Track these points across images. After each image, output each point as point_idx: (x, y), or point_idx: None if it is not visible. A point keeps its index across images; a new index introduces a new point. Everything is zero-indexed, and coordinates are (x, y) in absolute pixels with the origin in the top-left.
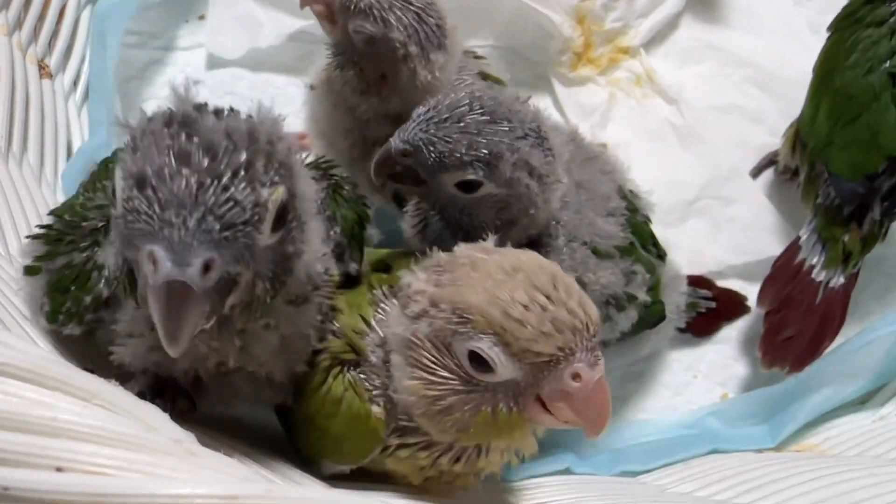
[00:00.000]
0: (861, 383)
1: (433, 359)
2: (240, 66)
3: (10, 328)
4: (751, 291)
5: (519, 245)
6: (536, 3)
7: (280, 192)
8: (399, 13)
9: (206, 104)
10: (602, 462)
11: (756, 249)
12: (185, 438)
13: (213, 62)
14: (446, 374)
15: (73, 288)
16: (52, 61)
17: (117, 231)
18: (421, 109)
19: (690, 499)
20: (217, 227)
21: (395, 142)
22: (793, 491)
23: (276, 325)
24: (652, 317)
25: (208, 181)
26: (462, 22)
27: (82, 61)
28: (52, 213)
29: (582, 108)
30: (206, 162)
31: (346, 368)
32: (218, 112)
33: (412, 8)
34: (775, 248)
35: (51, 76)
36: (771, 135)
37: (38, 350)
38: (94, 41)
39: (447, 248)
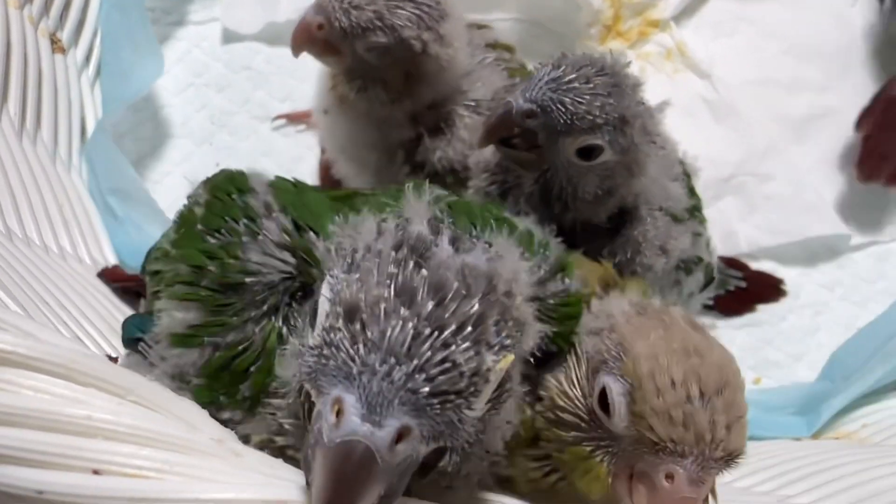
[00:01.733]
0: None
1: (579, 374)
2: (256, 40)
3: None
4: (785, 275)
5: (610, 216)
6: None
7: (509, 361)
8: (399, 10)
9: (441, 223)
10: None
11: (792, 230)
12: (227, 437)
13: (229, 37)
14: (578, 395)
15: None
16: (65, 35)
17: (304, 363)
18: (544, 69)
19: (731, 489)
20: (426, 389)
21: (519, 102)
22: (839, 484)
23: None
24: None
25: (427, 331)
26: None
27: (94, 35)
28: (189, 263)
29: None
30: (430, 306)
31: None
32: (456, 240)
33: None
34: (813, 229)
35: (63, 51)
36: (809, 108)
37: (67, 342)
38: (106, 14)
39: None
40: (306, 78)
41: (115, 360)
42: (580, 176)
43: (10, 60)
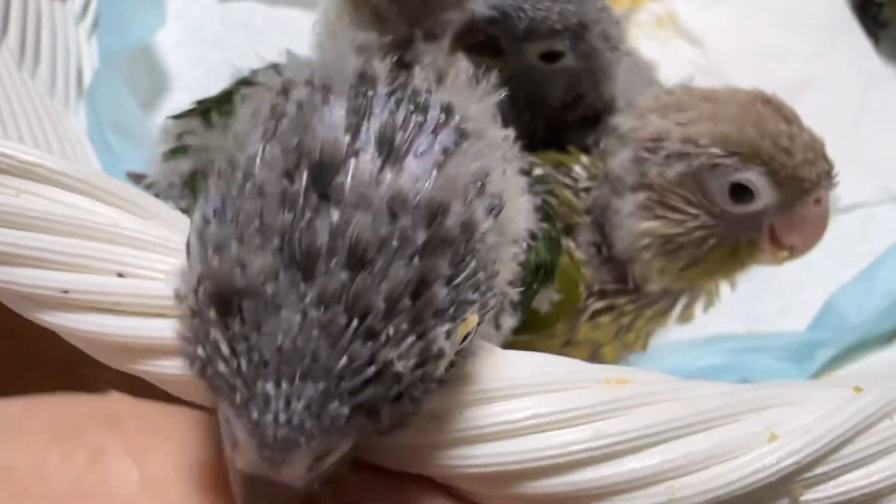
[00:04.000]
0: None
1: (681, 197)
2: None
3: None
4: None
5: (584, 120)
6: None
7: (470, 324)
8: None
9: (367, 87)
10: None
11: None
12: None
13: None
14: (694, 211)
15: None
16: None
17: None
18: None
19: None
20: (345, 412)
21: (481, 8)
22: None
23: None
24: None
25: (342, 320)
26: None
27: None
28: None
29: None
30: (342, 276)
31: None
32: (386, 138)
33: None
34: None
35: None
36: (798, 75)
37: (97, 167)
38: None
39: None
40: (304, 37)
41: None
42: (545, 81)
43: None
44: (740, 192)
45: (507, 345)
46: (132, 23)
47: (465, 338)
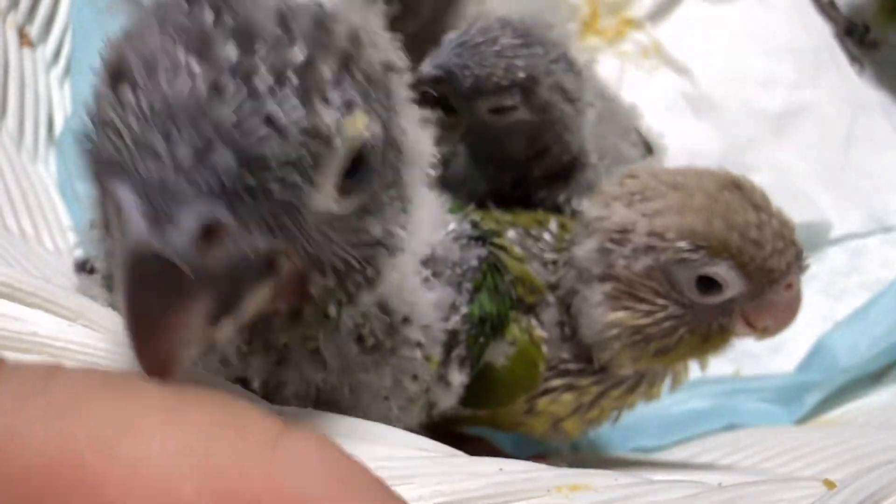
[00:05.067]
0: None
1: (648, 289)
2: None
3: None
4: None
5: (551, 172)
6: None
7: (361, 122)
8: None
9: None
10: (616, 437)
11: None
12: None
13: None
14: (662, 303)
15: None
16: (34, 30)
17: (82, 149)
18: (452, 35)
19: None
20: (231, 162)
21: (427, 68)
22: (826, 452)
23: (331, 362)
24: None
25: (231, 85)
26: None
27: (65, 31)
28: None
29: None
30: (232, 53)
31: (521, 313)
32: None
33: None
34: (798, 216)
35: (31, 45)
36: (785, 103)
37: (12, 269)
38: (78, 10)
39: (473, 186)
40: None
41: None
42: (505, 135)
43: None
44: (708, 284)
45: (470, 418)
46: None
47: (362, 155)
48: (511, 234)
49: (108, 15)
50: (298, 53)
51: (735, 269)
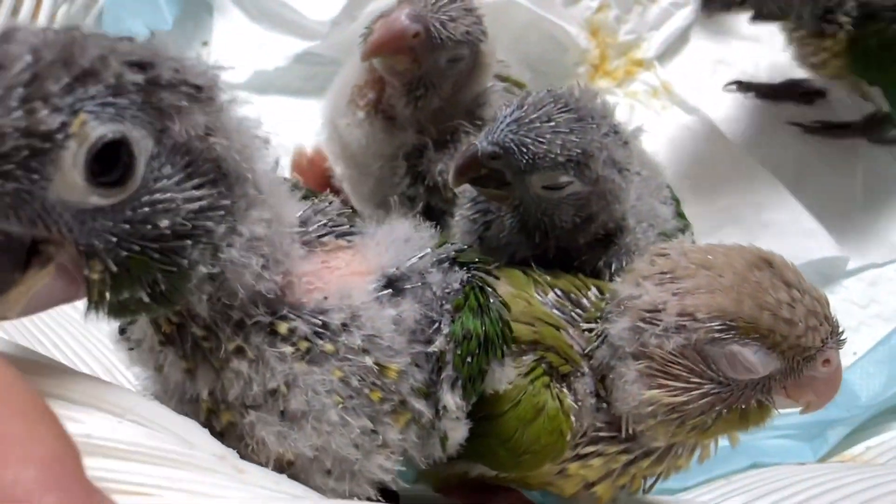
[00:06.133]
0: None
1: (682, 367)
2: (246, 89)
3: None
4: None
5: (596, 237)
6: (550, 14)
7: (81, 122)
8: (475, 25)
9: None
10: None
11: (792, 254)
12: (229, 454)
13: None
14: (698, 381)
15: None
16: None
17: None
18: (506, 110)
19: None
20: None
21: (483, 144)
22: (850, 501)
23: (261, 362)
24: None
25: None
26: None
27: None
28: None
29: None
30: None
31: (554, 380)
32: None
33: (474, 13)
34: (813, 253)
35: None
36: (799, 134)
37: (62, 363)
38: None
39: (515, 250)
40: (297, 124)
41: None
42: (554, 207)
43: None
44: (741, 362)
45: (500, 479)
46: None
47: (107, 154)
48: (550, 296)
49: None
50: (22, 68)
51: (767, 347)
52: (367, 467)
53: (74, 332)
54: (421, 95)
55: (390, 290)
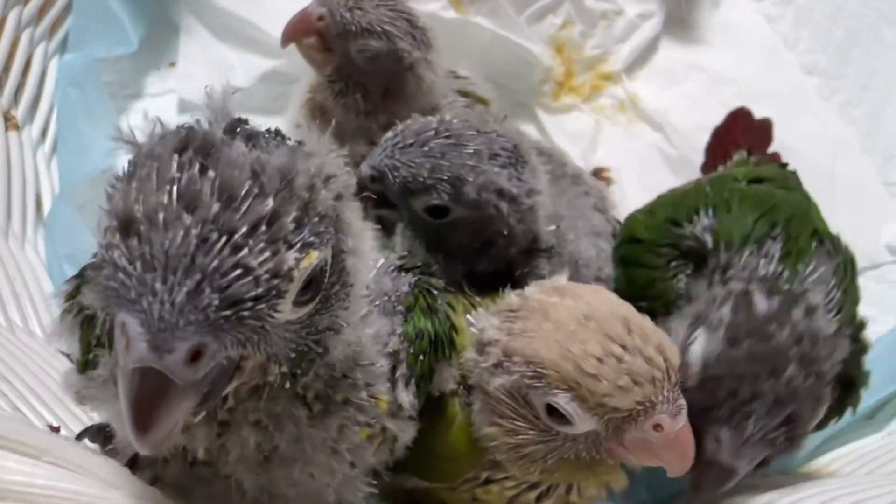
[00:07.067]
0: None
1: (512, 408)
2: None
3: None
4: None
5: (507, 261)
6: (513, 34)
7: (313, 258)
8: (397, 23)
9: (243, 123)
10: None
11: None
12: (148, 495)
13: (185, 106)
14: (525, 425)
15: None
16: (20, 112)
17: (92, 287)
18: (389, 135)
19: None
20: (216, 302)
21: (364, 168)
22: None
23: (273, 428)
24: None
25: (214, 236)
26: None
27: (51, 111)
28: None
29: (569, 134)
30: (216, 208)
31: (461, 391)
32: (253, 136)
33: (403, 15)
34: None
35: (17, 127)
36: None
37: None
38: (63, 90)
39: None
40: None
41: (57, 429)
42: (446, 230)
43: None
44: (558, 413)
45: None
46: (91, 146)
47: (313, 277)
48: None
49: (92, 95)
50: (268, 207)
51: (575, 401)
52: (342, 494)
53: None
54: (342, 91)
55: (367, 308)
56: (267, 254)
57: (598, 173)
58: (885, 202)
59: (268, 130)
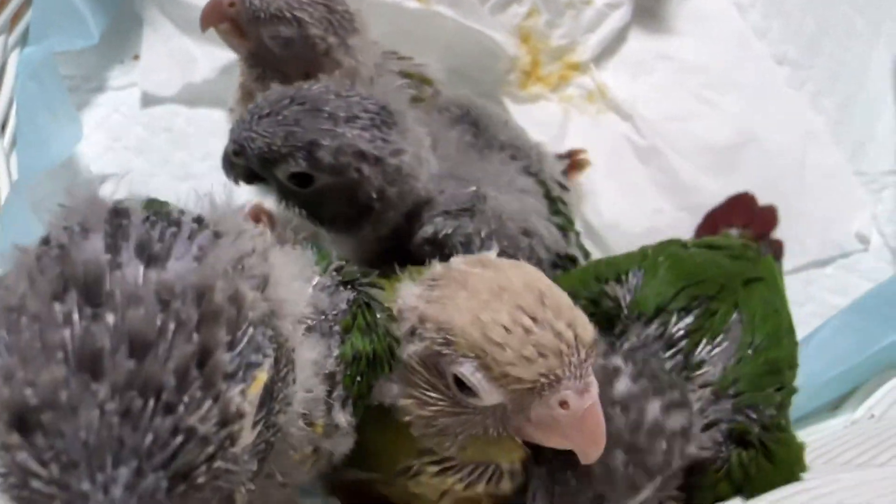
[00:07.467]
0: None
1: (424, 378)
2: (175, 102)
3: None
4: None
5: (395, 223)
6: (477, 24)
7: (261, 381)
8: (310, 9)
9: (123, 216)
10: None
11: None
12: None
13: (148, 100)
14: (436, 396)
15: None
16: None
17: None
18: (250, 107)
19: None
20: (164, 483)
21: (227, 143)
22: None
23: None
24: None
25: (139, 403)
26: (399, 45)
27: (10, 105)
28: None
29: (537, 123)
30: (128, 365)
31: None
32: (145, 247)
33: (320, 1)
34: None
35: None
36: (732, 137)
37: None
38: (22, 84)
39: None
40: (222, 139)
41: None
42: (316, 199)
43: None
44: (466, 387)
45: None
46: (49, 140)
47: (265, 400)
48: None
49: (52, 90)
50: (193, 344)
51: (481, 370)
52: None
53: None
54: (261, 76)
55: (303, 330)
56: (208, 402)
57: (572, 155)
58: (854, 191)
59: (155, 213)
